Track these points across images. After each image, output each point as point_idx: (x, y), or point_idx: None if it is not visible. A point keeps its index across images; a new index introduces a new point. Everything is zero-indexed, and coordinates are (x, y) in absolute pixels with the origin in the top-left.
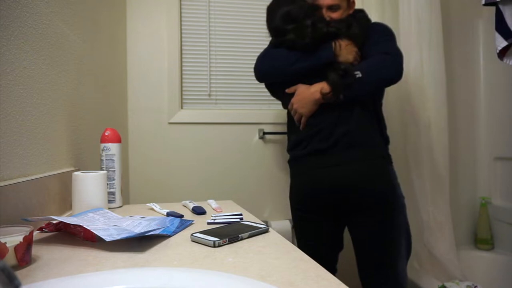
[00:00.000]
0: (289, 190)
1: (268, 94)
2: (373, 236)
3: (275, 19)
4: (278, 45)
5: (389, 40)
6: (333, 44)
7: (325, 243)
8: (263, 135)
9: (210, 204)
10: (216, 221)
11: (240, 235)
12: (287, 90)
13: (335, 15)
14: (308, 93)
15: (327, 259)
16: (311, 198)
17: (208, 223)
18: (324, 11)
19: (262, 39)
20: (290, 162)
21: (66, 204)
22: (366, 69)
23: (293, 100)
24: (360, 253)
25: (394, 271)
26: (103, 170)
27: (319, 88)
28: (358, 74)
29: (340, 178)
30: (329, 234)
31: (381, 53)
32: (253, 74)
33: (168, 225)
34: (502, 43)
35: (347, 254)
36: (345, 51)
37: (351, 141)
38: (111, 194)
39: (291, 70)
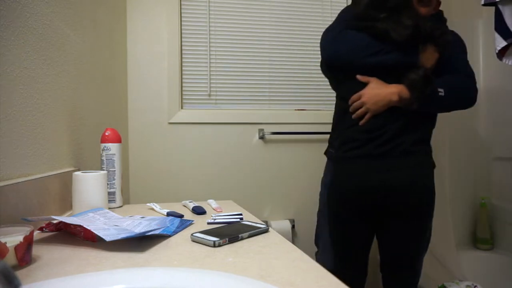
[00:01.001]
0: (330, 189)
1: (268, 94)
2: (409, 239)
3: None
4: (358, 28)
5: (467, 57)
6: (420, 47)
7: (365, 244)
8: (263, 135)
9: (210, 204)
10: (216, 221)
11: (240, 235)
12: (360, 78)
13: (424, 10)
14: (386, 92)
15: (365, 258)
16: (360, 200)
17: (208, 223)
18: (415, 1)
19: (262, 39)
20: (335, 160)
21: (66, 204)
22: (449, 89)
23: (365, 92)
24: (391, 255)
25: (418, 271)
26: (103, 170)
27: (397, 91)
28: (441, 92)
29: (392, 183)
30: (370, 235)
31: (463, 74)
32: (253, 74)
33: (168, 225)
34: (501, 43)
35: None
36: (429, 56)
37: (411, 149)
38: (111, 194)
39: (370, 61)
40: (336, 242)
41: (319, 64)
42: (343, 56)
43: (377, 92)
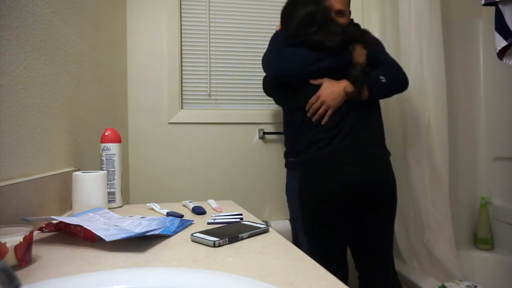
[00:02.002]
0: (301, 193)
1: None
2: (386, 230)
3: (296, 19)
4: (294, 45)
5: (387, 52)
6: (350, 47)
7: (345, 241)
8: (263, 135)
9: (210, 204)
10: (216, 221)
11: (240, 235)
12: (313, 81)
13: (342, 20)
14: (339, 87)
15: (344, 255)
16: (337, 195)
17: (208, 223)
18: (332, 14)
19: (262, 39)
20: (304, 163)
21: (66, 204)
22: (388, 76)
23: (321, 93)
24: (369, 249)
25: (393, 260)
26: (103, 170)
27: (344, 86)
28: (383, 79)
29: (365, 175)
30: (349, 231)
31: (391, 64)
32: (253, 74)
33: (168, 225)
34: (501, 43)
35: None
36: (359, 53)
37: (372, 140)
38: (111, 194)
39: (312, 68)
40: (315, 242)
41: None
42: (289, 70)
43: (332, 89)
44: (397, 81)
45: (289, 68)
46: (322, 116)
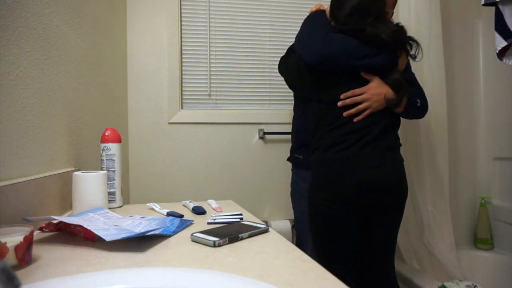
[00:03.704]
0: (316, 191)
1: (268, 94)
2: (394, 233)
3: (351, 4)
4: (341, 31)
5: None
6: (398, 52)
7: (354, 242)
8: (263, 135)
9: (210, 204)
10: (216, 221)
11: (240, 235)
12: (364, 75)
13: (387, 17)
14: (385, 90)
15: (353, 255)
16: (355, 198)
17: (208, 223)
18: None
19: (262, 39)
20: (319, 162)
21: (66, 204)
22: (421, 101)
23: (369, 90)
24: (373, 251)
25: (394, 263)
26: (103, 170)
27: (386, 91)
28: (418, 103)
29: (383, 178)
30: (356, 234)
31: (422, 90)
32: (253, 74)
33: (168, 225)
34: (501, 43)
35: None
36: (402, 60)
37: (393, 145)
38: (111, 194)
39: (360, 63)
40: (324, 243)
41: None
42: (332, 59)
43: (379, 91)
44: (425, 109)
45: (333, 56)
46: (356, 114)
